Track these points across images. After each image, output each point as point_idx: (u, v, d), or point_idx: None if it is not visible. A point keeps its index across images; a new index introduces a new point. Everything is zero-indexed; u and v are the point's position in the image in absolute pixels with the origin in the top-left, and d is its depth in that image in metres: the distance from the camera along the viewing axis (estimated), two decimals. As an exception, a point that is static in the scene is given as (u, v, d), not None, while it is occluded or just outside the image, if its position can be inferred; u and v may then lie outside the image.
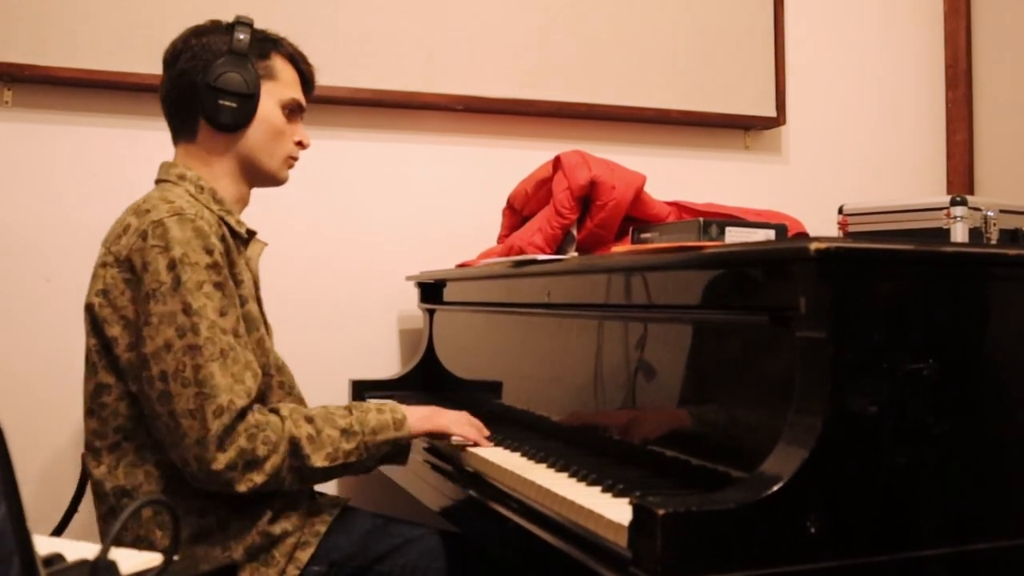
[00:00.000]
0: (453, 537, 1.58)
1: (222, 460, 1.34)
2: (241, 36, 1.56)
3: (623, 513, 1.00)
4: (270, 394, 1.55)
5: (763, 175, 2.82)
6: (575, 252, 2.06)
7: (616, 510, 1.05)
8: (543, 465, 1.39)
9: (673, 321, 1.32)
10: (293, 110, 1.63)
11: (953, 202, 1.97)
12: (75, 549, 0.80)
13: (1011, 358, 1.11)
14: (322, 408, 1.47)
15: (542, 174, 2.14)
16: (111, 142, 2.21)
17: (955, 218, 1.96)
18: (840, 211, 2.22)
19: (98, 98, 2.22)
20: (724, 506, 0.91)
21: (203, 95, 1.53)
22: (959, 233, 1.95)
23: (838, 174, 2.88)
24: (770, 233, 1.60)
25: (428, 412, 1.56)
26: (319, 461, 1.41)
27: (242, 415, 1.37)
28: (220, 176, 1.58)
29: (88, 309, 1.46)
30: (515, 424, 1.75)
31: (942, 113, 3.01)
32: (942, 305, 1.06)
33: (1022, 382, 1.11)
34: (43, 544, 0.79)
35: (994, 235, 1.98)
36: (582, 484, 1.24)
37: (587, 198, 2.03)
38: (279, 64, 1.62)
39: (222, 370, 1.37)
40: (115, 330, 1.43)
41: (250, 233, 1.60)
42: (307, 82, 1.68)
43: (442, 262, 2.38)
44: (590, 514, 1.08)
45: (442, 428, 1.56)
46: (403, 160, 2.49)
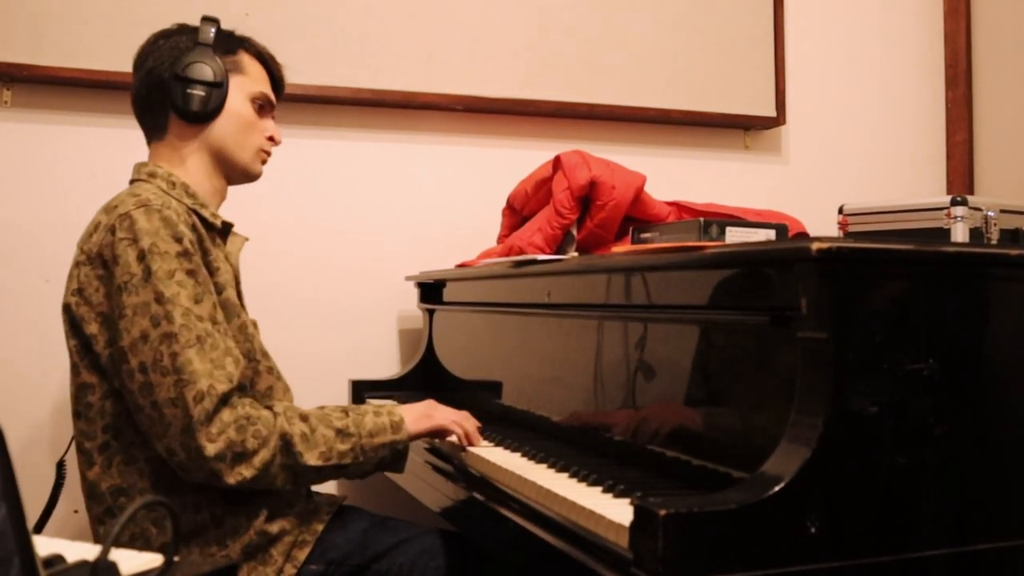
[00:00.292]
0: (451, 536, 1.58)
1: (210, 449, 1.33)
2: (207, 31, 1.57)
3: (624, 513, 1.00)
4: (258, 379, 1.53)
5: (763, 175, 2.82)
6: (575, 252, 2.06)
7: (617, 510, 1.05)
8: (543, 465, 1.39)
9: (673, 321, 1.32)
10: (263, 105, 1.63)
11: (953, 202, 1.97)
12: (75, 550, 0.80)
13: (1012, 358, 1.11)
14: (318, 408, 1.47)
15: (542, 174, 2.14)
16: (110, 142, 2.20)
17: (955, 218, 1.96)
18: (840, 211, 2.22)
19: (97, 98, 2.22)
20: (725, 506, 0.91)
21: (172, 86, 1.54)
22: (959, 233, 1.95)
23: (838, 174, 2.88)
24: (770, 233, 1.59)
25: (424, 409, 1.56)
26: (312, 460, 1.40)
27: (225, 400, 1.35)
28: (193, 171, 1.57)
29: (65, 310, 1.46)
30: (515, 424, 1.75)
31: (942, 113, 3.01)
32: (943, 305, 1.06)
33: (1022, 382, 1.11)
34: (43, 545, 0.79)
35: (994, 235, 1.98)
36: (583, 484, 1.23)
37: (587, 198, 2.03)
38: (246, 60, 1.62)
39: (200, 356, 1.36)
40: (93, 328, 1.42)
41: (226, 225, 1.59)
42: (276, 81, 1.68)
43: (442, 262, 2.38)
44: (591, 514, 1.07)
45: (439, 427, 1.56)
46: (403, 160, 2.49)
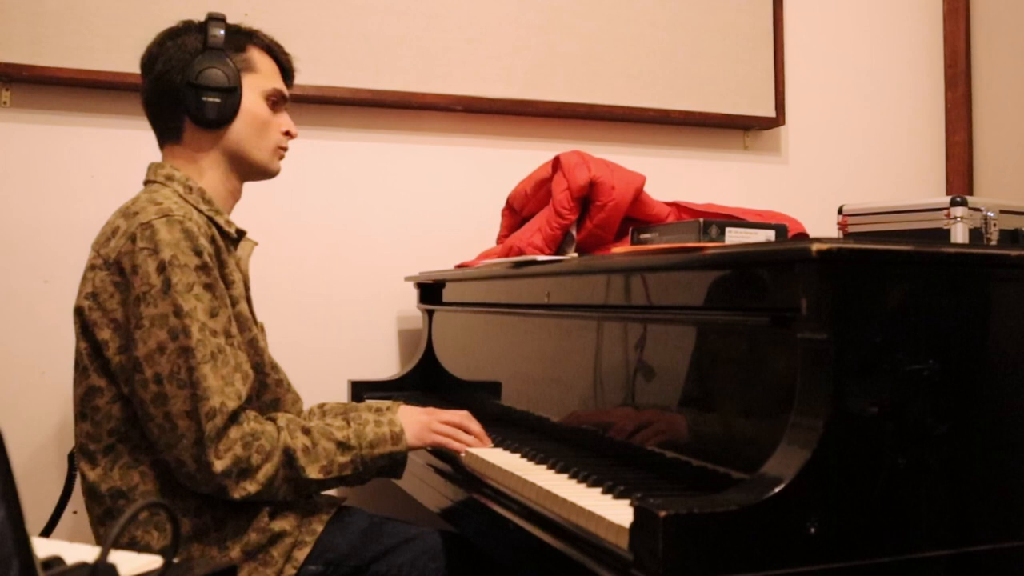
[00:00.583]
0: (451, 537, 1.58)
1: (218, 465, 1.35)
2: (216, 32, 1.55)
3: (624, 515, 1.00)
4: (264, 392, 1.55)
5: (763, 175, 2.82)
6: (575, 253, 2.06)
7: (617, 512, 1.05)
8: (543, 466, 1.38)
9: (673, 322, 1.32)
10: (277, 101, 1.62)
11: (953, 202, 1.97)
12: (74, 552, 0.80)
13: (1012, 359, 1.10)
14: (319, 408, 1.47)
15: (541, 174, 2.14)
16: (110, 142, 2.20)
17: (955, 218, 1.96)
18: (840, 211, 2.22)
19: (96, 98, 2.21)
20: (726, 508, 0.91)
21: (185, 94, 1.53)
22: (959, 233, 1.95)
23: (838, 174, 2.88)
24: (770, 234, 1.59)
25: (426, 422, 1.56)
26: (313, 473, 1.42)
27: (234, 418, 1.38)
28: (209, 174, 1.57)
29: (78, 312, 1.46)
30: (515, 425, 1.75)
31: (941, 113, 3.01)
32: (943, 306, 1.06)
33: (1022, 382, 1.10)
34: (42, 547, 0.78)
35: (994, 235, 1.98)
36: (583, 485, 1.23)
37: (587, 198, 2.03)
38: (256, 56, 1.61)
39: (213, 372, 1.37)
40: (105, 333, 1.42)
41: (239, 233, 1.59)
42: (286, 71, 1.67)
43: (441, 262, 2.38)
44: (591, 515, 1.07)
45: (438, 444, 1.57)
46: (402, 160, 2.49)
